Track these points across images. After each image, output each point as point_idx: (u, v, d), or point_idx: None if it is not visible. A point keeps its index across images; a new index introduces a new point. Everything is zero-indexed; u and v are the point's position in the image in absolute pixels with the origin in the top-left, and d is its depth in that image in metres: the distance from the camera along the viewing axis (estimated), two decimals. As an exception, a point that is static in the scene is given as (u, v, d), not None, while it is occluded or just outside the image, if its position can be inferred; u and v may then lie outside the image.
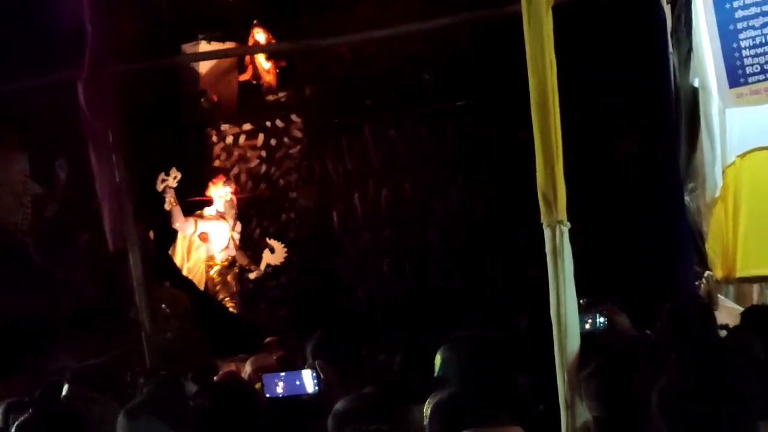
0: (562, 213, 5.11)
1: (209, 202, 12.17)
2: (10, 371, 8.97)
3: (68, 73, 9.47)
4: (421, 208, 11.83)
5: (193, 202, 12.21)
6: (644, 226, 9.48)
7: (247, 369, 7.41)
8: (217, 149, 12.56)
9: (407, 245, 11.74)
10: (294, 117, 12.41)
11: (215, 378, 6.83)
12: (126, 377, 8.77)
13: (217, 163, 12.48)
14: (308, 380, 5.66)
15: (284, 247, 12.07)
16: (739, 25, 8.18)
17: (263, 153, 12.48)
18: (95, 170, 9.27)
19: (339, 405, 4.58)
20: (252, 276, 12.17)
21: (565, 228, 5.13)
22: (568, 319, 5.08)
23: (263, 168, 12.52)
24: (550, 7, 5.22)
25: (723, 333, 6.40)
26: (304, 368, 6.61)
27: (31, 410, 4.46)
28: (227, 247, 12.21)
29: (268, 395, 5.41)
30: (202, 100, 12.76)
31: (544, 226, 5.15)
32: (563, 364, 5.07)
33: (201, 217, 12.14)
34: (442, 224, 11.74)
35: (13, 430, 4.24)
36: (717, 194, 8.45)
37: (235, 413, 4.41)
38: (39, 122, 11.05)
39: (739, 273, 8.42)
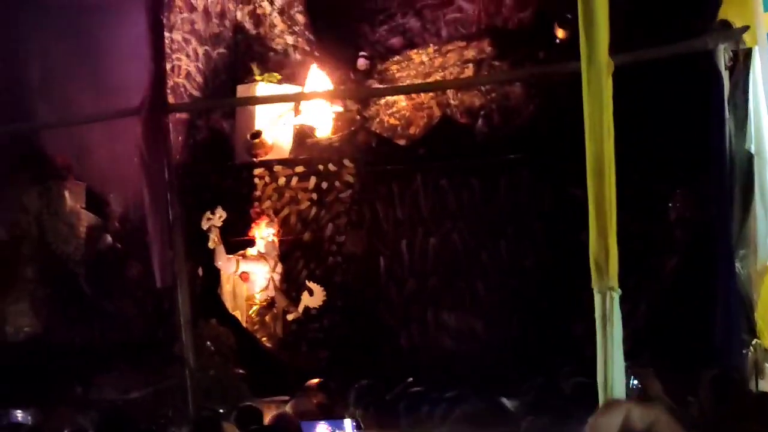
0: (613, 280, 5.15)
1: (252, 243, 12.26)
2: (56, 401, 9.06)
3: (128, 109, 9.63)
4: (469, 259, 11.83)
5: (237, 242, 12.30)
6: (694, 291, 9.40)
7: (286, 411, 7.45)
8: (268, 190, 12.66)
9: (453, 295, 11.74)
10: (346, 162, 12.49)
11: (266, 421, 6.83)
12: (168, 413, 8.87)
13: (267, 204, 12.58)
14: (348, 429, 5.70)
15: (324, 290, 12.12)
16: (797, 94, 8.15)
17: (314, 196, 12.56)
18: (148, 206, 9.38)
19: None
20: (290, 317, 12.23)
21: (616, 294, 5.16)
22: (615, 385, 5.10)
23: (313, 211, 12.59)
24: (611, 73, 5.27)
25: None
26: (344, 415, 6.66)
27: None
28: (267, 288, 12.30)
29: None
30: (256, 141, 12.89)
31: (594, 292, 5.19)
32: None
33: (243, 257, 12.25)
34: (489, 276, 11.72)
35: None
36: (768, 263, 8.37)
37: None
38: (98, 155, 11.25)
39: (788, 343, 8.32)
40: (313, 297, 12.12)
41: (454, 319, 11.77)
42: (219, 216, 11.87)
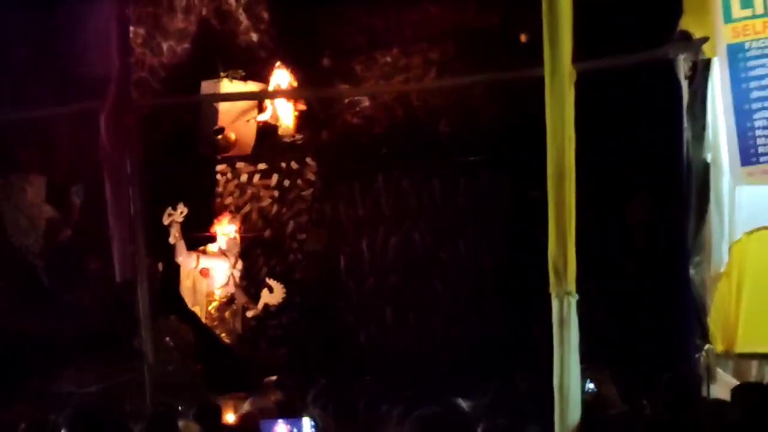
0: (571, 284, 5.25)
1: (213, 239, 12.28)
2: (13, 394, 9.03)
3: (91, 104, 9.60)
4: (429, 258, 11.92)
5: (198, 238, 12.32)
6: (649, 295, 9.56)
7: (245, 409, 7.49)
8: (230, 186, 12.68)
9: (412, 294, 11.82)
10: (309, 160, 12.54)
11: (227, 419, 6.86)
12: (125, 407, 8.86)
13: (229, 200, 12.61)
14: (307, 428, 5.74)
15: (284, 287, 12.16)
16: (755, 105, 8.28)
17: (276, 193, 12.59)
18: (110, 200, 9.37)
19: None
20: (249, 314, 12.25)
21: (573, 299, 5.26)
22: (571, 389, 5.20)
23: (275, 208, 12.62)
24: (573, 81, 5.37)
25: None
26: (302, 414, 6.70)
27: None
28: (227, 284, 12.32)
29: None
30: (219, 136, 12.90)
31: (552, 297, 5.29)
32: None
33: (204, 252, 12.26)
34: (448, 276, 11.82)
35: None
36: (722, 269, 8.52)
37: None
38: (59, 148, 11.20)
39: (739, 348, 8.46)
40: (273, 294, 12.17)
41: (413, 318, 11.86)
42: (180, 212, 11.89)
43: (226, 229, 12.39)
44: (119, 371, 10.05)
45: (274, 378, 10.17)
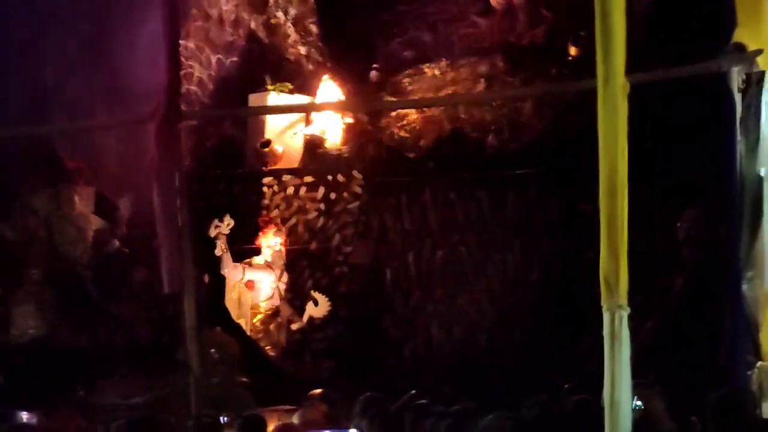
0: (623, 298, 5.15)
1: (258, 251, 12.27)
2: (59, 403, 9.05)
3: (141, 115, 9.66)
4: (476, 272, 11.85)
5: (244, 250, 12.32)
6: (701, 312, 9.42)
7: (294, 422, 7.46)
8: (277, 199, 12.69)
9: (458, 308, 11.75)
10: (355, 173, 12.52)
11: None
12: (170, 420, 8.87)
13: (276, 213, 12.61)
14: (354, 440, 5.70)
15: (329, 300, 12.13)
16: (809, 118, 8.16)
17: (322, 206, 12.59)
18: (158, 212, 9.39)
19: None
20: (294, 327, 12.23)
21: (625, 313, 5.16)
22: (622, 404, 5.09)
23: (321, 221, 12.62)
24: (627, 93, 5.27)
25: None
26: (348, 426, 6.66)
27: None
28: (272, 297, 12.30)
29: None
30: (266, 149, 12.92)
31: (603, 310, 5.18)
32: (613, 449, 5.07)
33: (249, 265, 12.25)
34: (495, 290, 11.74)
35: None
36: (775, 286, 8.38)
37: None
38: (108, 160, 11.28)
39: (792, 366, 8.32)
40: (318, 307, 12.14)
41: (459, 332, 11.78)
42: (227, 224, 11.90)
43: (271, 242, 12.39)
44: (164, 383, 10.06)
45: (319, 391, 10.14)
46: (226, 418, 8.74)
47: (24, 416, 7.97)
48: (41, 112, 11.10)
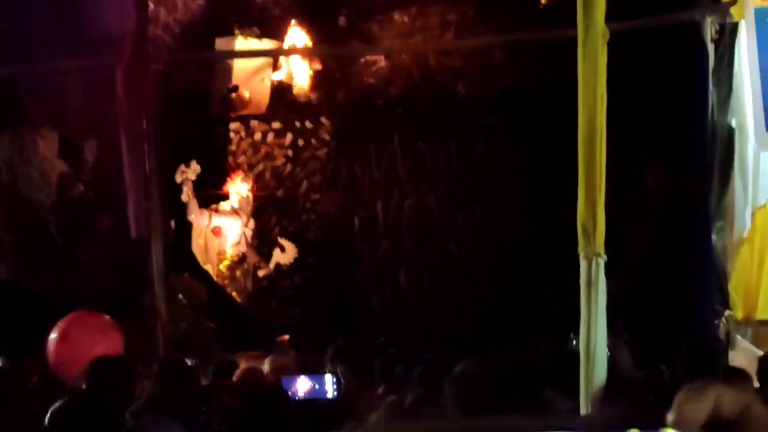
0: (600, 246, 5.16)
1: (226, 197, 12.18)
2: (23, 351, 8.97)
3: (107, 59, 9.50)
4: (444, 222, 11.84)
5: (210, 196, 12.23)
6: (669, 261, 9.47)
7: (265, 367, 7.42)
8: (244, 145, 12.58)
9: (426, 257, 11.74)
10: (324, 120, 12.42)
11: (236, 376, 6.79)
12: (138, 366, 8.81)
13: (242, 159, 12.50)
14: (329, 385, 5.68)
15: (296, 247, 12.09)
16: (782, 70, 8.19)
17: (290, 152, 12.49)
18: (125, 156, 9.29)
19: (375, 415, 4.62)
20: (261, 273, 12.19)
21: (602, 260, 5.17)
22: (597, 351, 5.12)
23: (288, 167, 12.53)
24: (606, 42, 5.24)
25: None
26: (324, 371, 6.65)
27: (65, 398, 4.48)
28: (239, 243, 12.24)
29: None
30: (233, 95, 12.77)
31: (580, 258, 5.20)
32: (588, 394, 5.10)
33: (216, 211, 12.17)
34: (463, 239, 11.74)
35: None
36: (744, 235, 8.44)
37: (267, 414, 4.41)
38: (72, 103, 11.08)
39: (760, 315, 8.40)
40: (285, 254, 12.10)
41: (427, 281, 11.79)
42: (193, 169, 11.79)
43: (238, 188, 12.30)
44: (132, 329, 9.99)
45: (287, 337, 10.14)
46: (192, 362, 8.70)
47: (-10, 361, 7.86)
48: (3, 54, 10.88)
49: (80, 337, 7.47)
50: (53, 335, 7.42)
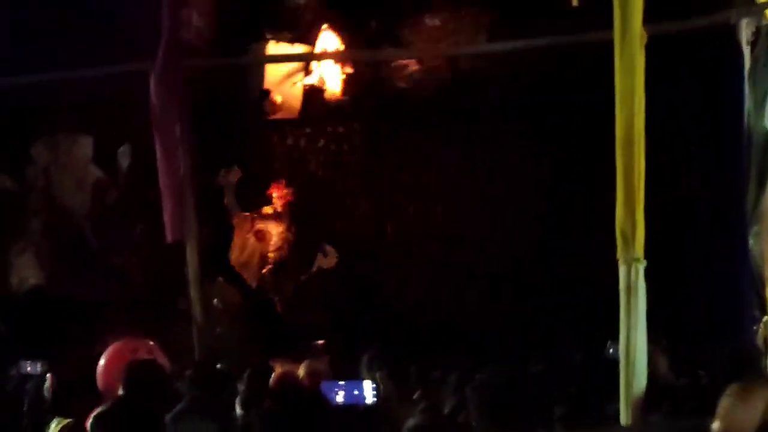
0: (639, 251, 5.15)
1: (268, 202, 12.16)
2: (59, 353, 9.05)
3: (141, 64, 9.57)
4: (476, 228, 11.80)
5: (252, 201, 12.21)
6: (705, 267, 9.42)
7: (300, 372, 7.45)
8: (277, 150, 12.60)
9: (459, 263, 11.71)
10: (356, 125, 12.43)
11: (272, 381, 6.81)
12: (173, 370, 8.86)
13: (277, 164, 12.51)
14: (368, 391, 5.70)
15: (335, 252, 12.07)
16: (817, 73, 8.12)
17: (323, 157, 12.50)
18: (160, 161, 9.37)
19: (412, 421, 4.63)
20: (303, 278, 12.16)
21: (641, 266, 5.16)
22: (638, 357, 5.10)
23: (321, 173, 12.54)
24: (644, 44, 5.23)
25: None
26: (350, 375, 6.66)
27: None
28: (281, 248, 12.18)
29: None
30: (265, 99, 12.80)
31: (620, 263, 5.18)
32: (628, 403, 5.08)
33: (258, 215, 12.12)
34: (495, 245, 11.70)
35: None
36: (781, 240, 8.37)
37: (307, 420, 4.44)
38: (107, 108, 11.15)
39: (796, 321, 8.34)
40: (328, 258, 12.04)
41: (459, 287, 11.75)
42: (235, 173, 11.78)
43: (280, 193, 12.23)
44: (168, 334, 10.05)
45: (321, 342, 10.16)
46: (226, 367, 8.74)
47: (28, 366, 7.94)
48: (37, 60, 10.96)
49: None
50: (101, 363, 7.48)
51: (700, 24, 8.46)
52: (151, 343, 7.89)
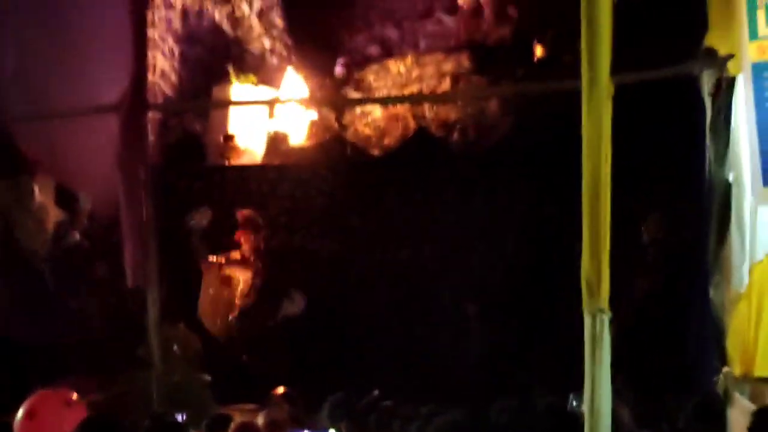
0: (604, 301, 5.13)
1: (235, 246, 12.04)
2: (17, 400, 8.88)
3: (106, 106, 9.51)
4: (440, 273, 11.78)
5: (220, 246, 12.09)
6: (667, 317, 9.45)
7: (259, 421, 7.36)
8: (242, 194, 12.54)
9: (426, 309, 11.67)
10: (319, 169, 12.40)
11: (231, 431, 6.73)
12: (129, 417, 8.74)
13: (242, 208, 12.42)
14: (332, 440, 5.64)
15: (303, 298, 11.96)
16: (778, 125, 8.19)
17: (288, 203, 12.44)
18: (123, 204, 9.28)
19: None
20: (268, 324, 12.03)
21: (606, 316, 5.14)
22: (602, 409, 5.06)
23: (288, 217, 12.47)
24: (611, 94, 5.25)
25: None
26: (311, 424, 6.60)
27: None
28: (248, 295, 12.04)
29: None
30: (229, 143, 12.78)
31: (584, 314, 5.16)
32: (592, 454, 5.04)
33: (225, 261, 11.96)
34: (460, 291, 11.68)
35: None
36: (742, 290, 8.40)
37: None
38: (69, 150, 11.07)
39: (758, 372, 8.34)
40: (293, 305, 11.91)
41: (423, 333, 11.69)
42: (203, 217, 11.66)
43: (248, 237, 12.09)
44: (125, 380, 9.92)
45: (282, 390, 10.04)
46: (184, 416, 8.63)
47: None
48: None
49: (47, 414, 7.46)
50: (20, 414, 7.40)
51: (664, 75, 8.54)
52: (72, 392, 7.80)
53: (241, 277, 11.87)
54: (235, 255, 11.87)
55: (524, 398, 8.02)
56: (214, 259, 11.74)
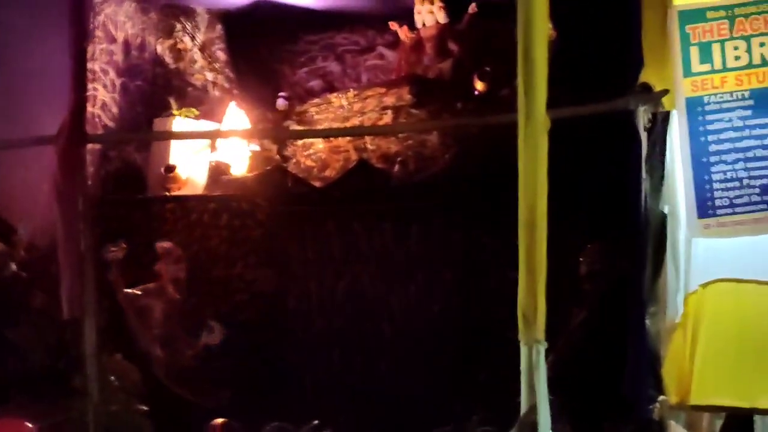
0: (540, 332, 5.24)
1: (156, 277, 12.03)
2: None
3: (43, 137, 9.45)
4: (379, 303, 11.85)
5: (141, 276, 12.08)
6: (602, 346, 9.56)
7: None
8: (179, 225, 12.51)
9: (364, 338, 11.72)
10: (260, 201, 12.42)
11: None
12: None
13: (177, 238, 12.42)
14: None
15: (226, 328, 11.96)
16: (712, 159, 8.34)
17: (225, 233, 12.45)
18: (60, 236, 9.20)
19: None
20: (189, 354, 12.01)
21: (542, 347, 5.23)
22: (540, 438, 5.14)
23: (223, 248, 12.48)
24: (547, 129, 5.37)
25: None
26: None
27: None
28: (165, 325, 12.05)
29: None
30: (170, 174, 12.76)
31: (521, 344, 5.26)
32: (530, 483, 5.11)
33: (144, 291, 11.97)
34: (397, 320, 11.76)
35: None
36: (677, 320, 8.53)
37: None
38: (7, 182, 10.99)
39: (693, 401, 8.46)
40: (213, 334, 11.93)
41: (361, 363, 11.74)
42: (121, 249, 11.66)
43: (169, 268, 12.15)
44: (61, 411, 9.81)
45: (220, 421, 10.02)
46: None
47: None
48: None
49: None
50: None
51: (601, 109, 8.70)
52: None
53: (157, 308, 11.89)
54: (152, 286, 11.89)
55: (462, 428, 8.11)
56: (130, 291, 11.74)
